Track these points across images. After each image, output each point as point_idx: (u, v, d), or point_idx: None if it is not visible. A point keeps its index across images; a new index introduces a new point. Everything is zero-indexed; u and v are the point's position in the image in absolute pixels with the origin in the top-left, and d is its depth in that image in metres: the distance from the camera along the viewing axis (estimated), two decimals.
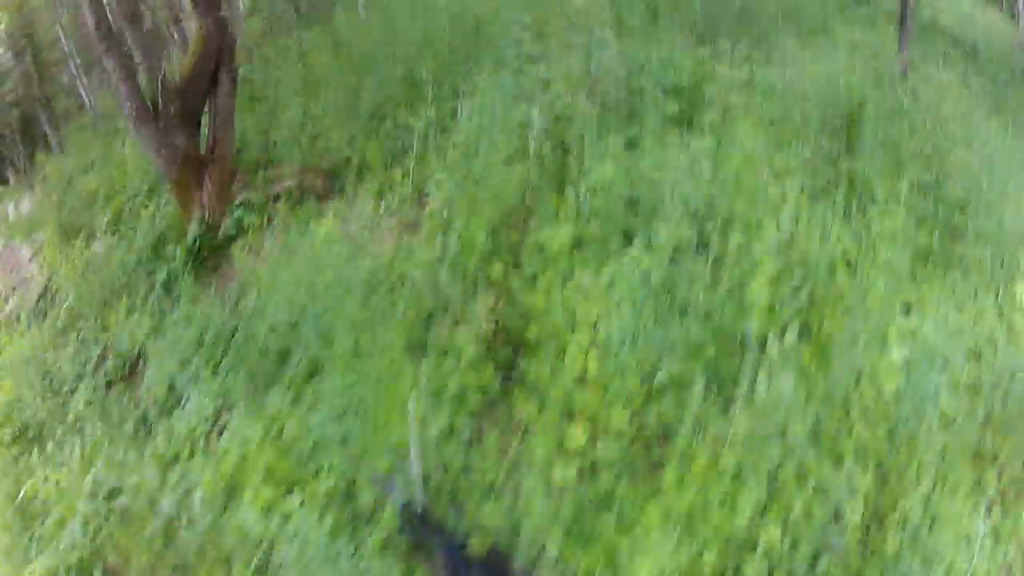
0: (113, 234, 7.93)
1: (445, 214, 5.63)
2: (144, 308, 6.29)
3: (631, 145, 6.09)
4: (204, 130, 7.07)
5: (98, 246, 7.86)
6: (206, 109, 6.86)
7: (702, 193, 5.17)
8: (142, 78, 6.68)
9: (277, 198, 6.75)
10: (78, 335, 6.73)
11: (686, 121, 6.56)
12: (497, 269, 5.03)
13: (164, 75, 6.52)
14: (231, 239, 6.47)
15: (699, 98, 6.88)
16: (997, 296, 5.30)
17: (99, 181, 9.39)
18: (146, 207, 7.83)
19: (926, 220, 5.64)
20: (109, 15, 6.35)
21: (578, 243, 4.93)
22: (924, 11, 11.46)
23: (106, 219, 8.25)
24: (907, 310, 4.90)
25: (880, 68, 9.12)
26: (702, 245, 4.91)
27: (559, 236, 4.90)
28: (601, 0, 11.09)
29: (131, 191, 8.51)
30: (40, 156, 13.63)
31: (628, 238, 4.93)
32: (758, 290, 4.58)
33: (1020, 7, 15.74)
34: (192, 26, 9.23)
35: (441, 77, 7.84)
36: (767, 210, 5.40)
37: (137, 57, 6.53)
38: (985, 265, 5.46)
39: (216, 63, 6.63)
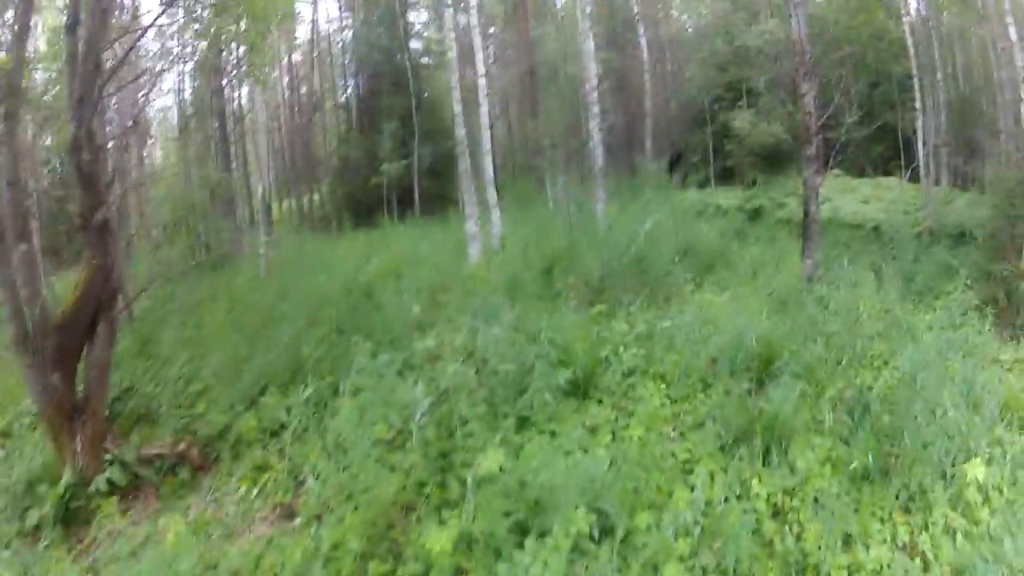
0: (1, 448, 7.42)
1: (319, 509, 5.25)
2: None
3: (522, 424, 5.87)
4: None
5: None
6: (84, 353, 6.39)
7: (601, 472, 4.84)
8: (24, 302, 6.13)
9: (151, 461, 6.33)
10: None
11: (582, 390, 6.41)
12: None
13: (43, 307, 6.09)
14: (101, 497, 5.88)
15: (596, 363, 6.77)
16: (946, 486, 5.05)
17: None
18: (33, 430, 7.46)
19: (857, 438, 5.41)
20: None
21: (465, 542, 4.50)
22: (822, 207, 11.86)
23: None
24: (847, 542, 4.65)
25: (786, 283, 9.31)
26: (606, 531, 4.56)
27: (443, 536, 4.48)
28: (496, 262, 11.55)
29: (26, 404, 7.97)
30: None
31: (522, 533, 4.51)
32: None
33: (927, 194, 16.55)
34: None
35: (329, 347, 7.81)
36: (676, 476, 5.19)
37: (21, 277, 6.00)
38: (929, 461, 5.17)
39: (96, 309, 6.23)
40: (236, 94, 19.98)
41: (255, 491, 5.95)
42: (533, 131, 20.90)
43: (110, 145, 6.79)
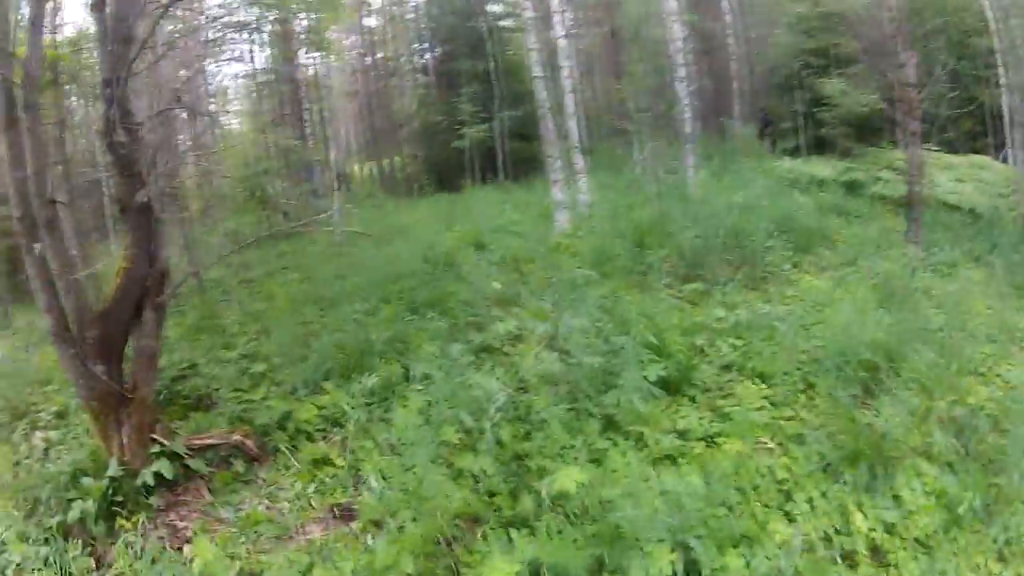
0: (56, 430, 7.13)
1: (378, 515, 4.77)
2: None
3: (607, 426, 5.25)
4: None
5: (37, 439, 7.02)
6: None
7: (690, 494, 4.19)
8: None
9: (204, 452, 5.96)
10: None
11: (674, 387, 5.72)
12: None
13: (82, 296, 5.73)
14: (148, 491, 5.54)
15: (690, 354, 6.14)
16: None
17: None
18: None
19: (964, 466, 4.72)
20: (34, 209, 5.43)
21: (533, 573, 3.92)
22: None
23: (52, 411, 7.52)
24: None
25: (891, 270, 8.48)
26: (691, 568, 3.92)
27: (508, 565, 3.89)
28: (584, 231, 10.84)
29: None
30: (18, 307, 13.21)
31: (598, 567, 3.94)
32: None
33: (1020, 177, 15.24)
34: None
35: (400, 327, 7.39)
36: (773, 500, 4.52)
37: (55, 265, 5.56)
38: None
39: (141, 294, 5.85)
40: (310, 60, 19.74)
41: (312, 488, 5.52)
42: (618, 94, 19.96)
43: (149, 123, 6.32)
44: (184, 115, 8.31)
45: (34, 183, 5.38)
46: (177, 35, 8.43)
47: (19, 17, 5.98)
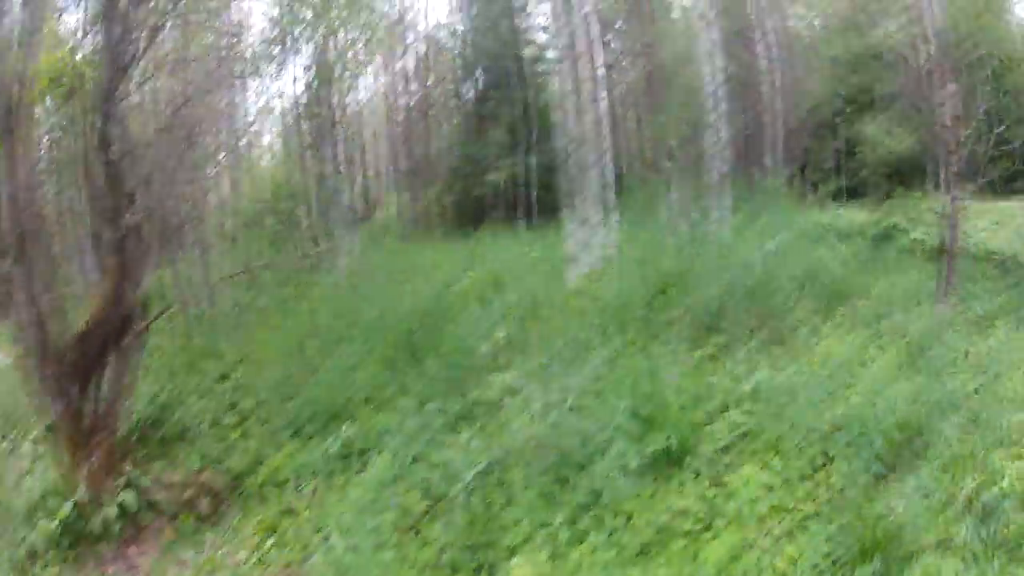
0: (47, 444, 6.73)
1: None
2: None
3: (589, 505, 4.79)
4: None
5: (26, 451, 6.70)
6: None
7: None
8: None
9: (171, 490, 5.78)
10: None
11: (675, 460, 5.27)
12: None
13: (60, 318, 5.62)
14: (111, 523, 5.34)
15: (696, 424, 5.70)
16: None
17: None
18: None
19: (987, 559, 4.18)
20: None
21: None
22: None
23: (46, 424, 7.09)
24: None
25: (921, 329, 8.06)
26: None
27: None
28: (602, 282, 10.49)
29: None
30: None
31: None
32: None
33: None
34: None
35: (387, 378, 7.09)
36: None
37: (38, 287, 5.46)
38: None
39: (122, 321, 5.69)
40: (344, 87, 19.60)
41: (271, 541, 5.27)
42: (654, 134, 19.65)
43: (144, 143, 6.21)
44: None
45: (23, 196, 5.25)
46: (170, 57, 8.22)
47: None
